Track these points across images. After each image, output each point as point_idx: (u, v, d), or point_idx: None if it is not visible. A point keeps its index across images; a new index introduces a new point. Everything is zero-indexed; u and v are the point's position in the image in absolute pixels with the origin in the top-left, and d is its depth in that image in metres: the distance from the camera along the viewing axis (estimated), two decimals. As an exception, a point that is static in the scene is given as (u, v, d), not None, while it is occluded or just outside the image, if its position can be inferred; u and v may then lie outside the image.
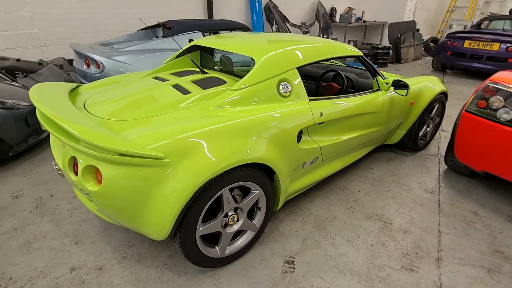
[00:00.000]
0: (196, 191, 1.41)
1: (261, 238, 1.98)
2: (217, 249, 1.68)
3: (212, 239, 1.73)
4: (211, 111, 1.68)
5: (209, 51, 2.62)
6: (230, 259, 1.75)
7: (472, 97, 2.27)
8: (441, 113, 3.23)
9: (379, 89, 2.52)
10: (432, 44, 8.86)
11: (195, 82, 2.01)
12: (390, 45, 8.05)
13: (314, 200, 2.37)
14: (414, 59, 8.70)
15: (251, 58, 2.16)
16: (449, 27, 10.69)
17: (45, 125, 1.50)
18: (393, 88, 2.46)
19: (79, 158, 1.41)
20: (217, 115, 1.63)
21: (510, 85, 2.09)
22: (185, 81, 2.00)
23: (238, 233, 1.82)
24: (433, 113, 3.08)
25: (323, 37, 7.51)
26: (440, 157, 3.10)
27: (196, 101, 1.79)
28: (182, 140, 1.44)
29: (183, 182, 1.39)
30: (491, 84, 2.19)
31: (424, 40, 9.43)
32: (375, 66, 2.54)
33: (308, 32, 7.49)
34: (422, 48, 9.21)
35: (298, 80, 1.96)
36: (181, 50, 2.51)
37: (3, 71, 4.33)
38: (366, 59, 2.46)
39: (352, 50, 2.35)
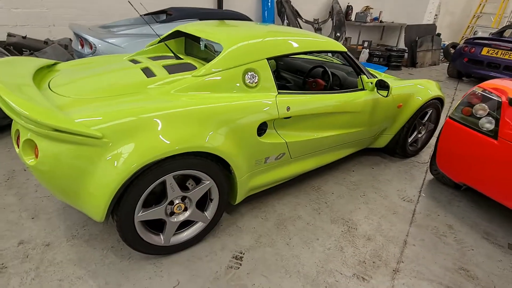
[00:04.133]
0: (133, 174, 1.37)
1: (216, 231, 1.93)
2: (161, 237, 1.65)
3: (159, 226, 1.70)
4: (170, 95, 1.64)
5: (195, 38, 2.57)
6: (175, 249, 1.72)
7: (458, 104, 2.12)
8: (436, 120, 3.06)
9: (363, 89, 2.40)
10: (452, 50, 8.48)
11: (166, 66, 1.97)
12: (406, 48, 7.76)
13: (282, 198, 2.30)
14: (431, 64, 8.35)
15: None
16: (474, 33, 10.19)
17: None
18: (376, 88, 2.34)
19: (21, 131, 1.41)
20: (172, 100, 1.59)
21: (498, 94, 1.94)
22: (156, 65, 1.97)
23: (189, 223, 1.79)
24: (425, 119, 2.92)
25: (335, 35, 7.32)
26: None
27: (158, 85, 1.74)
28: (125, 122, 1.40)
29: (119, 164, 1.35)
30: (478, 91, 2.04)
31: (445, 45, 9.05)
32: (362, 65, 2.42)
33: (320, 29, 7.32)
34: (441, 53, 8.83)
35: (267, 71, 1.88)
36: (163, 36, 2.47)
37: (12, 47, 4.46)
38: (351, 56, 2.35)
39: (336, 46, 2.24)
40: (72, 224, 1.89)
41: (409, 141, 2.94)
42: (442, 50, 8.77)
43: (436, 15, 9.27)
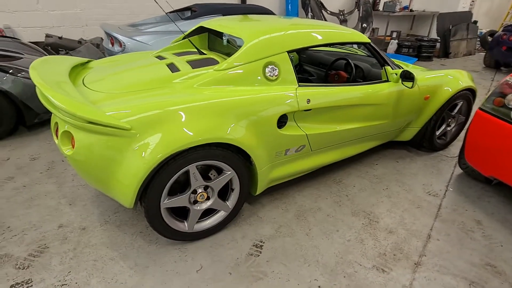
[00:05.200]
0: (158, 163, 1.46)
1: (237, 220, 2.00)
2: (186, 224, 1.74)
3: (183, 213, 1.79)
4: (194, 89, 1.71)
5: (218, 33, 2.63)
6: (199, 236, 1.80)
7: (489, 94, 2.02)
8: (467, 112, 2.92)
9: (387, 80, 2.35)
10: (490, 38, 7.95)
11: (189, 62, 2.04)
12: (438, 38, 7.38)
13: (303, 190, 2.32)
14: (465, 54, 7.89)
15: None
16: (515, 20, 9.46)
17: (37, 91, 1.65)
18: (400, 79, 2.28)
19: (59, 123, 1.54)
20: (195, 93, 1.66)
21: (534, 82, 1.83)
22: (181, 61, 2.05)
23: (212, 212, 1.86)
24: (455, 111, 2.80)
25: (361, 26, 7.12)
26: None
27: (183, 79, 1.82)
28: (152, 115, 1.49)
29: (146, 155, 1.45)
30: (511, 81, 1.93)
31: (482, 33, 8.49)
32: (385, 56, 2.37)
33: (346, 21, 7.14)
34: (478, 42, 8.30)
35: (287, 64, 1.90)
36: (187, 32, 2.55)
37: (49, 47, 4.79)
38: (375, 47, 2.30)
39: (358, 37, 2.21)
40: (105, 211, 2.04)
41: (437, 134, 2.84)
42: (478, 39, 8.25)
43: (473, 1, 8.72)
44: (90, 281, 1.56)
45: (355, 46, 3.87)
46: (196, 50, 2.33)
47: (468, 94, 2.76)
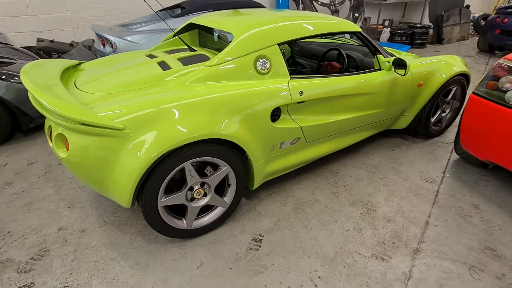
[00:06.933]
0: (153, 162, 1.46)
1: (236, 215, 2.00)
2: (184, 221, 1.75)
3: (181, 211, 1.79)
4: (185, 86, 1.71)
5: (208, 29, 2.62)
6: (198, 232, 1.81)
7: (482, 78, 2.02)
8: (461, 97, 2.92)
9: (380, 69, 2.35)
10: (483, 22, 7.92)
11: (180, 59, 2.03)
12: (431, 24, 7.35)
13: (300, 182, 2.33)
14: (459, 39, 7.87)
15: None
16: (508, 2, 9.42)
17: (29, 96, 1.64)
18: (393, 67, 2.28)
19: (53, 126, 1.54)
20: (187, 90, 1.65)
21: (526, 64, 1.83)
22: (171, 58, 2.04)
23: (210, 208, 1.87)
24: (449, 96, 2.80)
25: (353, 16, 7.07)
26: (455, 146, 2.83)
27: (174, 77, 1.81)
28: (144, 114, 1.49)
29: (141, 154, 1.45)
30: (504, 63, 1.93)
31: (475, 17, 8.45)
32: (377, 44, 2.36)
33: (337, 12, 7.09)
34: (471, 27, 8.27)
35: (278, 57, 1.89)
36: (177, 30, 2.54)
37: (41, 51, 4.75)
38: (366, 35, 2.29)
39: (348, 26, 2.20)
40: (104, 212, 2.04)
41: (432, 120, 2.84)
42: (471, 24, 8.22)
43: (464, -14, 8.65)
44: (92, 282, 1.57)
45: (347, 36, 3.86)
46: (181, 47, 2.32)
47: (462, 79, 2.76)
